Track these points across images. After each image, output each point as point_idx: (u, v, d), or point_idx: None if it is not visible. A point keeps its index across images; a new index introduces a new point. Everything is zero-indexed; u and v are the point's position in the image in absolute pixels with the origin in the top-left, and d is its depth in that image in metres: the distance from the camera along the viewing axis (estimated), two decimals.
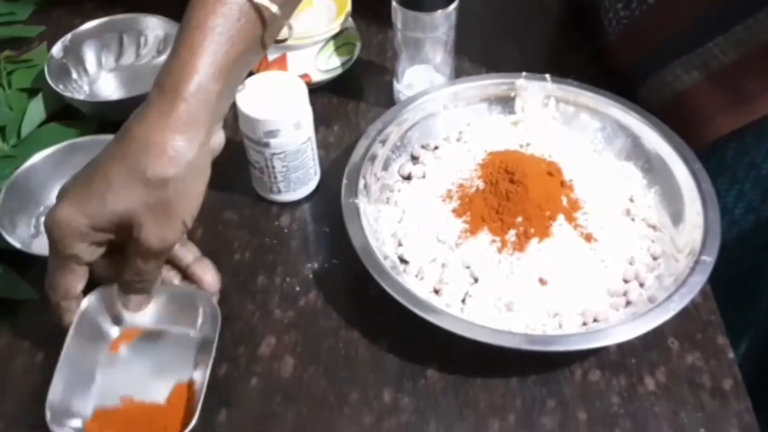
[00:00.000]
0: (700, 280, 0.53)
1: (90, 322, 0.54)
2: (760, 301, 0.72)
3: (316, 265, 0.62)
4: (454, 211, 0.60)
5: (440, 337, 0.54)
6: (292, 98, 0.60)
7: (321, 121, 0.73)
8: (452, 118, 0.69)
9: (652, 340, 0.56)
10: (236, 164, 0.66)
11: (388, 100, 0.74)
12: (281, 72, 0.68)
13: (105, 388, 0.53)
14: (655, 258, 0.59)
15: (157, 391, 0.52)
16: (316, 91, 0.74)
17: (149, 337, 0.55)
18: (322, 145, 0.71)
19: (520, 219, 0.57)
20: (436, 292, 0.57)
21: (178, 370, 0.53)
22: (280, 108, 0.60)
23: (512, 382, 0.54)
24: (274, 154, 0.62)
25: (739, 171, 0.65)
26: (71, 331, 0.52)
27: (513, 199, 0.58)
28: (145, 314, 0.55)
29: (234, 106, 0.60)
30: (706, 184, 0.59)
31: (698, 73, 0.64)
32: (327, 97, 0.76)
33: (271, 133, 0.60)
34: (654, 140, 0.63)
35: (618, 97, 0.66)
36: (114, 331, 0.55)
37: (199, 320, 0.55)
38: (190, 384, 0.53)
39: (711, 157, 0.62)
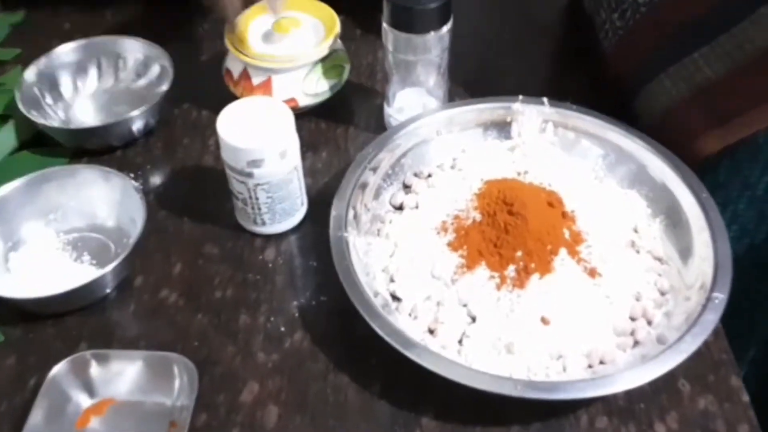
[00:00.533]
0: (712, 319, 0.50)
1: (58, 392, 0.50)
2: (759, 325, 0.68)
3: (302, 303, 0.58)
4: (449, 244, 0.56)
5: (436, 382, 0.50)
6: (277, 125, 0.57)
7: (308, 147, 0.70)
8: (446, 144, 0.65)
9: (662, 382, 0.52)
10: (218, 194, 0.63)
11: (378, 125, 0.71)
12: (266, 97, 0.64)
13: None
14: (662, 293, 0.55)
15: None
16: (302, 115, 0.71)
17: (122, 408, 0.51)
18: (309, 172, 0.67)
19: (519, 253, 0.54)
20: (431, 332, 0.54)
21: None
22: (265, 136, 0.56)
23: (514, 431, 0.50)
24: (258, 184, 0.58)
25: (732, 191, 0.62)
26: (36, 401, 0.48)
27: (512, 231, 0.54)
28: (118, 384, 0.51)
29: (215, 133, 0.57)
30: (714, 214, 0.56)
31: (685, 86, 0.61)
32: (314, 122, 0.72)
33: (255, 163, 0.56)
34: (659, 168, 0.60)
35: (619, 122, 0.63)
36: (85, 402, 0.51)
37: (176, 386, 0.51)
38: None
39: (703, 177, 0.58)
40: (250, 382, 0.53)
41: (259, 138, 0.56)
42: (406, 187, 0.63)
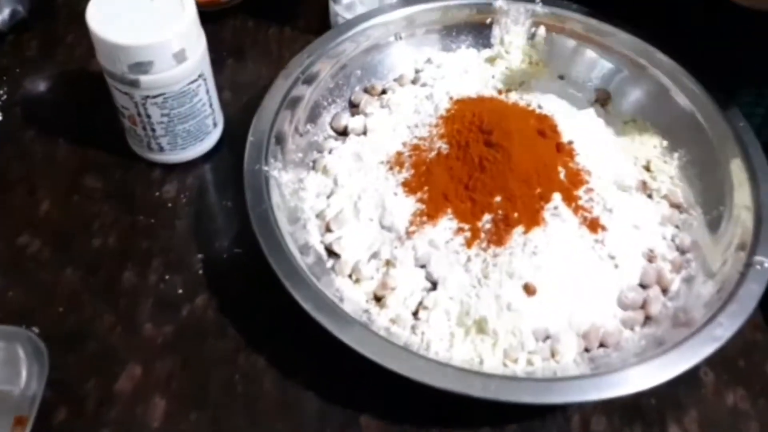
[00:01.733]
0: (755, 291, 0.37)
1: None
2: None
3: (210, 256, 0.44)
4: (405, 184, 0.42)
5: (381, 372, 0.37)
6: (171, 16, 0.41)
7: (230, 51, 0.54)
8: (406, 51, 0.50)
9: None
10: (109, 110, 0.47)
11: (322, 26, 0.55)
12: None
13: None
14: (683, 252, 0.42)
15: None
16: (226, 12, 0.55)
17: None
18: (230, 85, 0.52)
19: (498, 199, 0.40)
20: (378, 300, 0.40)
21: None
22: (153, 30, 0.40)
23: None
24: (147, 97, 0.42)
25: None
26: None
27: (490, 169, 0.40)
28: None
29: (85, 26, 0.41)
30: (755, 150, 0.42)
31: None
32: (240, 19, 0.57)
33: (140, 67, 0.41)
34: (685, 88, 0.46)
35: (635, 25, 0.48)
36: None
37: (23, 371, 0.37)
38: None
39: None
40: (130, 364, 0.40)
41: (145, 32, 0.40)
42: (353, 107, 0.48)
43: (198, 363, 0.40)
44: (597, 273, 0.40)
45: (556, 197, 0.40)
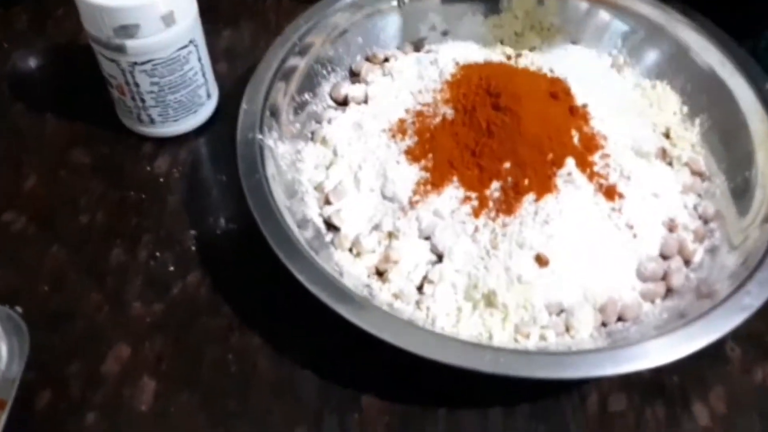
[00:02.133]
0: None
1: None
2: None
3: (203, 232, 0.42)
4: (408, 152, 0.39)
5: (383, 349, 0.34)
6: None
7: (226, 22, 0.52)
8: (410, 18, 0.48)
9: None
10: (99, 83, 0.45)
11: None
12: None
13: None
14: (706, 222, 0.40)
15: None
16: None
17: None
18: (225, 56, 0.50)
19: (507, 165, 0.37)
20: (380, 275, 0.38)
21: None
22: None
23: (493, 416, 0.35)
24: (134, 63, 0.40)
25: None
26: None
27: (498, 134, 0.38)
28: None
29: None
30: None
31: None
32: None
33: (126, 31, 0.39)
34: (704, 49, 0.43)
35: None
36: None
37: (3, 352, 0.35)
38: None
39: None
40: (119, 344, 0.37)
41: None
42: (353, 75, 0.46)
43: (189, 342, 0.38)
44: (614, 243, 0.37)
45: (570, 163, 0.37)
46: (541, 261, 0.36)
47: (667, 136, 0.43)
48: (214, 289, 0.39)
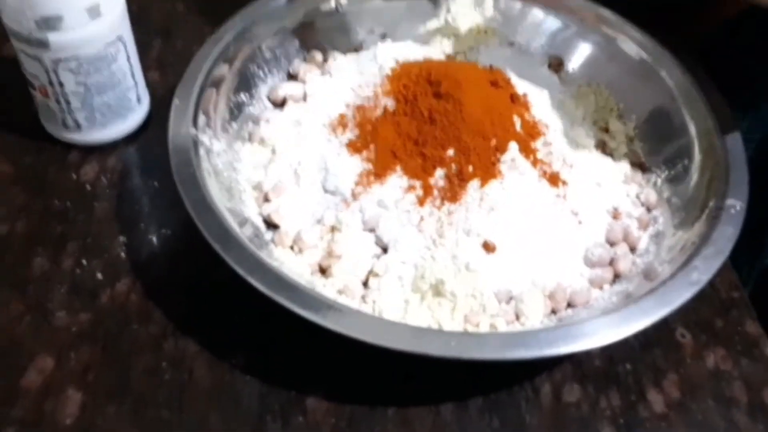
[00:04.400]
0: (730, 233, 0.34)
1: None
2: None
3: (134, 239, 0.39)
4: (349, 144, 0.38)
5: (328, 346, 0.33)
6: None
7: (158, 32, 0.51)
8: (349, 21, 0.47)
9: (654, 333, 0.36)
10: (13, 82, 0.42)
11: None
12: None
13: None
14: (649, 209, 0.40)
15: None
16: None
17: None
18: (157, 65, 0.48)
19: (451, 152, 0.37)
20: (323, 271, 0.36)
21: None
22: None
23: (445, 411, 0.34)
24: (58, 60, 0.38)
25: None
26: None
27: (440, 122, 0.37)
28: None
29: None
30: (717, 98, 0.40)
31: None
32: (169, 1, 0.53)
33: (48, 23, 0.37)
34: (635, 40, 0.44)
35: None
36: None
37: None
38: None
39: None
40: (41, 355, 0.34)
41: None
42: (292, 77, 0.45)
43: (119, 351, 0.35)
44: (560, 229, 0.37)
45: (513, 147, 0.37)
46: (488, 248, 0.35)
47: (605, 130, 0.43)
48: (146, 295, 0.37)
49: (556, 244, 0.36)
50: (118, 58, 0.40)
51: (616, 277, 0.37)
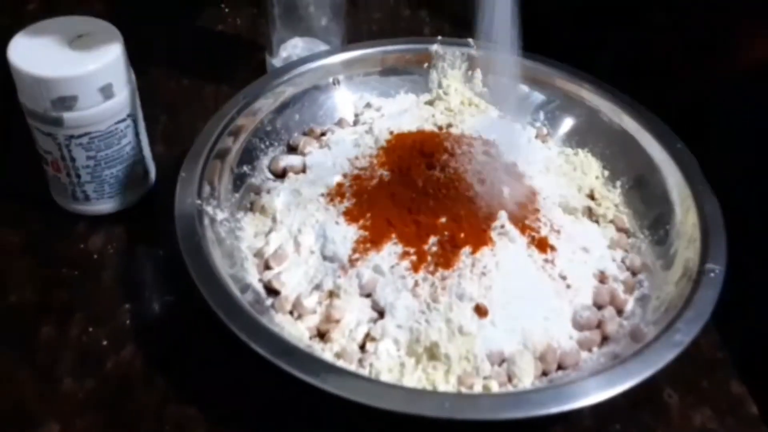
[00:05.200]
0: (710, 296, 0.36)
1: None
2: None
3: (138, 306, 0.41)
4: (346, 213, 0.40)
5: (328, 408, 0.34)
6: (97, 49, 0.40)
7: (164, 108, 0.53)
8: (345, 97, 0.50)
9: (642, 393, 0.37)
10: (25, 157, 0.44)
11: None
12: (87, 18, 0.45)
13: None
14: (634, 273, 0.41)
15: None
16: (159, 70, 0.54)
17: None
18: (164, 138, 0.50)
19: (444, 220, 0.39)
20: (322, 336, 0.37)
21: None
22: (78, 63, 0.39)
23: None
24: (71, 137, 0.41)
25: None
26: None
27: (433, 191, 0.39)
28: None
29: (6, 64, 0.39)
30: (694, 167, 0.43)
31: None
32: (175, 79, 0.56)
33: (64, 102, 0.39)
34: (615, 113, 0.46)
35: (564, 64, 0.49)
36: None
37: None
38: None
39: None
40: (47, 423, 0.35)
41: (69, 65, 0.39)
42: (292, 149, 0.47)
43: (123, 417, 0.36)
44: (549, 292, 0.38)
45: (503, 215, 0.39)
46: (480, 311, 0.36)
47: (591, 197, 0.45)
48: (149, 362, 0.38)
49: (545, 307, 0.38)
50: (128, 133, 0.42)
51: (604, 339, 0.38)
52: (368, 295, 0.38)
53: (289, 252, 0.40)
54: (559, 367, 0.37)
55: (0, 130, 0.50)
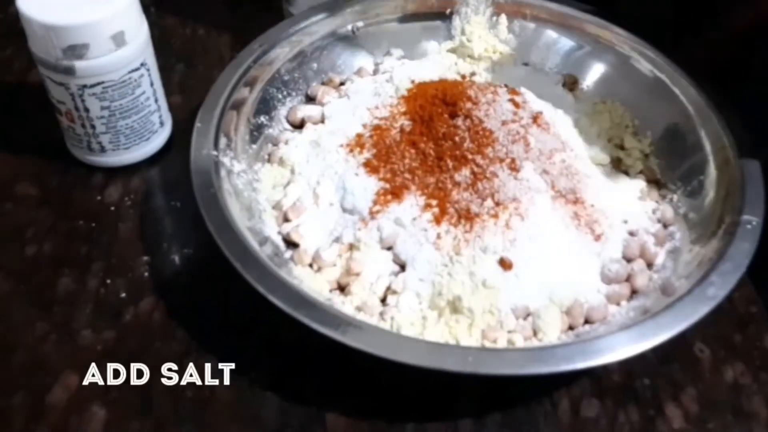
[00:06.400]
0: (747, 249, 0.34)
1: None
2: None
3: (156, 258, 0.40)
4: (366, 164, 0.39)
5: (347, 361, 0.33)
6: None
7: (180, 58, 0.52)
8: (365, 45, 0.48)
9: (672, 348, 0.36)
10: (40, 109, 0.44)
11: None
12: None
13: None
14: (666, 225, 0.40)
15: None
16: (173, 18, 0.52)
17: None
18: (180, 89, 0.49)
19: (467, 171, 0.37)
20: (342, 289, 0.37)
21: None
22: (88, 9, 0.38)
23: (464, 427, 0.34)
24: (84, 86, 0.39)
25: None
26: None
27: (456, 140, 0.38)
28: None
29: (16, 13, 0.38)
30: (733, 116, 0.41)
31: None
32: (190, 27, 0.54)
33: (75, 51, 0.38)
34: (649, 59, 0.44)
35: (593, 8, 0.47)
36: None
37: None
38: None
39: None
40: (65, 373, 0.35)
41: (80, 12, 0.38)
42: (310, 99, 0.46)
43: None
44: (577, 245, 0.37)
45: (528, 166, 0.37)
46: (505, 265, 0.35)
47: (621, 147, 0.44)
48: (169, 314, 0.38)
49: (572, 261, 0.36)
50: (142, 83, 0.41)
51: (633, 293, 0.37)
52: (389, 248, 0.37)
53: (308, 204, 0.39)
54: (587, 322, 0.35)
55: (16, 80, 0.50)
